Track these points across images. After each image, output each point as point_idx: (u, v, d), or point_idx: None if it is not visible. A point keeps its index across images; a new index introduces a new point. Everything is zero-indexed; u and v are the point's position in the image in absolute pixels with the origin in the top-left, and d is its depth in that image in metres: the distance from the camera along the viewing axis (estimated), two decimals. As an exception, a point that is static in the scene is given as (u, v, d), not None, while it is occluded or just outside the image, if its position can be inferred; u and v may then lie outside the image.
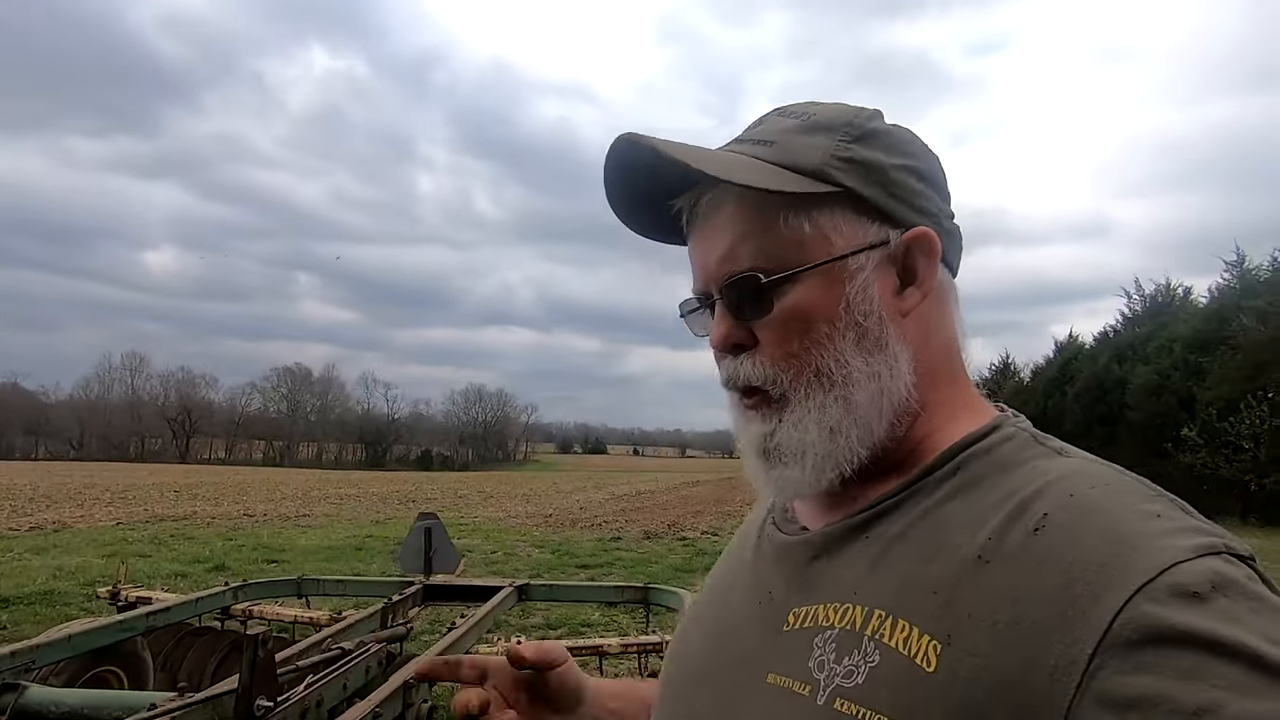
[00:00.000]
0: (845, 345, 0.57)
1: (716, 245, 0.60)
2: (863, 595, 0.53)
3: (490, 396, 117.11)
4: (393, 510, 18.73)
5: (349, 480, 37.02)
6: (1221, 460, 19.89)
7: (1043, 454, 0.55)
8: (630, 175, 0.63)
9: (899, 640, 0.49)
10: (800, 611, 0.57)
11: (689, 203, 0.63)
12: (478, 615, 3.19)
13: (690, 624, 0.71)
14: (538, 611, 6.64)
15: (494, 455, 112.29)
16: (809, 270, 0.58)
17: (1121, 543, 0.44)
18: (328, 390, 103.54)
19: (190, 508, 17.73)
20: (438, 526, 4.05)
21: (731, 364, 0.60)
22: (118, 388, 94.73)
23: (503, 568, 9.50)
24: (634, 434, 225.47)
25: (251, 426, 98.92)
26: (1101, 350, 27.27)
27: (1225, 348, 21.01)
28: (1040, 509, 0.48)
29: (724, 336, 0.60)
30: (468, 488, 30.74)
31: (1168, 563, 0.42)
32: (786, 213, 0.58)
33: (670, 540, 12.90)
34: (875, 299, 0.58)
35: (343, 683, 2.13)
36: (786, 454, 0.58)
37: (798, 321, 0.57)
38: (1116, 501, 0.47)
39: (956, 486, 0.55)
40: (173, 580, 7.97)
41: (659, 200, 0.64)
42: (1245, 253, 23.99)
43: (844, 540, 0.58)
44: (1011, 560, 0.47)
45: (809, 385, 0.57)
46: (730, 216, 0.59)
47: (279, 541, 11.71)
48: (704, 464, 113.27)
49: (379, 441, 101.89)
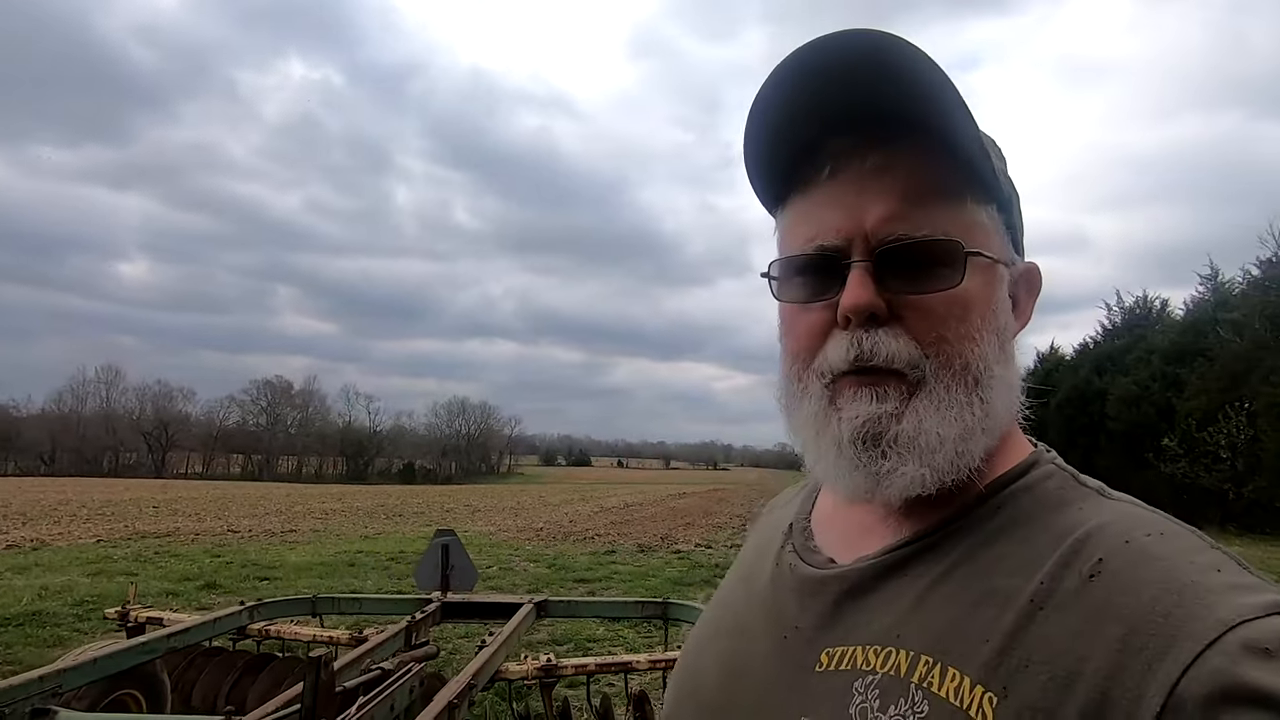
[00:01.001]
0: (990, 348, 0.54)
1: (881, 201, 0.53)
2: (906, 638, 0.50)
3: (474, 409, 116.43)
4: (380, 525, 18.49)
5: (331, 494, 36.47)
6: (1201, 470, 20.26)
7: (1086, 494, 0.53)
8: (805, 81, 0.53)
9: (949, 690, 0.45)
10: (835, 652, 0.53)
11: (850, 142, 0.54)
12: (504, 633, 3.16)
13: (701, 655, 0.65)
14: (542, 627, 6.58)
15: (477, 468, 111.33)
16: (985, 259, 0.54)
17: (1185, 593, 0.42)
18: (308, 403, 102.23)
19: (172, 524, 17.35)
20: (455, 543, 4.01)
21: (867, 336, 0.52)
22: (92, 401, 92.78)
23: (500, 583, 9.41)
24: (618, 446, 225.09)
25: (230, 440, 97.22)
26: (1082, 362, 27.74)
27: (1202, 359, 21.48)
28: (1094, 553, 0.47)
29: (869, 303, 0.52)
30: (454, 501, 30.42)
31: (1235, 619, 0.40)
32: (975, 195, 0.55)
33: (665, 553, 12.85)
34: (1009, 312, 0.58)
35: (390, 704, 2.10)
36: (908, 446, 0.52)
37: (960, 307, 0.53)
38: (1174, 551, 0.45)
39: (1000, 526, 0.52)
40: (165, 599, 7.79)
41: (805, 125, 0.55)
42: (1219, 266, 24.64)
43: (882, 578, 0.54)
44: (1067, 607, 0.45)
45: (955, 377, 0.52)
46: (909, 174, 0.53)
47: (268, 558, 11.49)
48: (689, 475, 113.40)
49: (360, 454, 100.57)
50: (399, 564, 10.90)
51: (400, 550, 12.51)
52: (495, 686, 3.10)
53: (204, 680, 3.52)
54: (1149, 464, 21.34)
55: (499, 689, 3.30)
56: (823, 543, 0.63)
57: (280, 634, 3.63)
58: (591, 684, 3.44)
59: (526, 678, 3.03)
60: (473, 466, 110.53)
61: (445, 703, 2.17)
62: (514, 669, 3.01)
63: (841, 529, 0.62)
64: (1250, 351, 19.98)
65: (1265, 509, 18.83)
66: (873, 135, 0.54)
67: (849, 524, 0.61)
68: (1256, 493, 19.01)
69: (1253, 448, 19.03)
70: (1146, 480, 20.73)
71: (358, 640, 3.45)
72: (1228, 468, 19.81)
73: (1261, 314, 20.33)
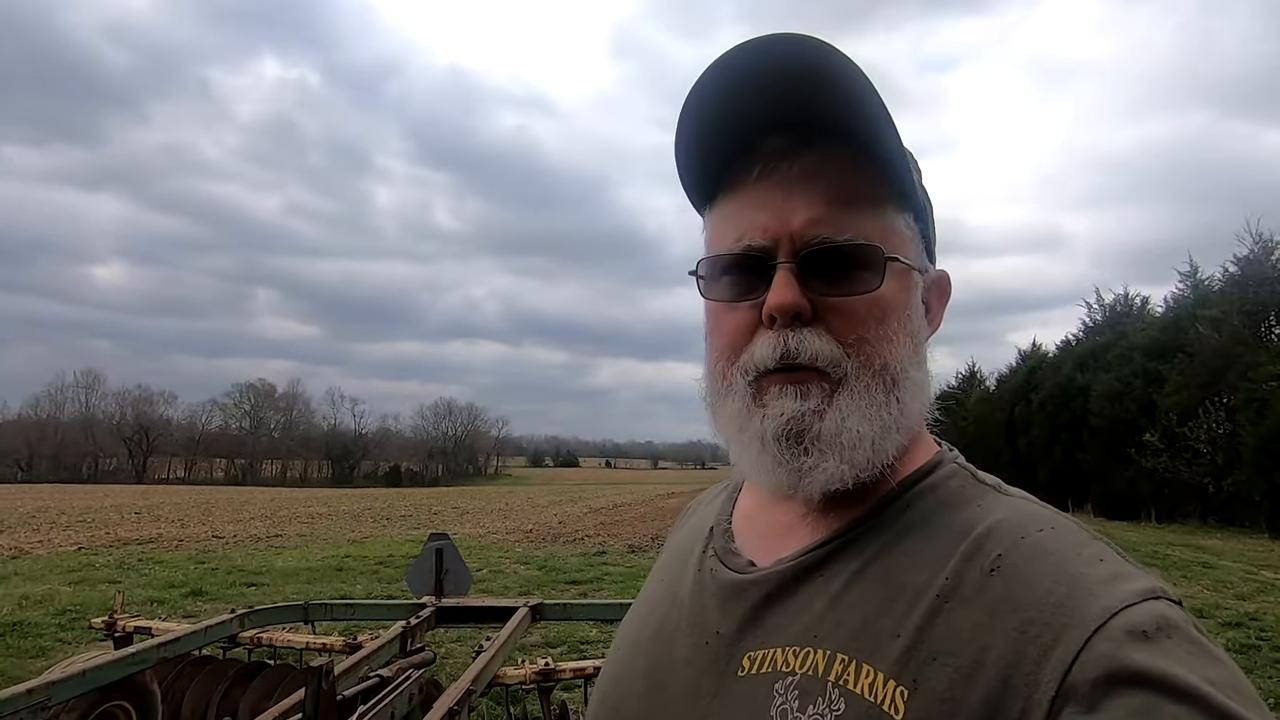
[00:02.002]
0: (905, 351, 0.55)
1: (807, 205, 0.54)
2: (823, 638, 0.51)
3: (460, 411, 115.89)
4: (368, 529, 18.33)
5: (317, 498, 36.12)
6: (1182, 464, 20.59)
7: (985, 492, 0.56)
8: (741, 84, 0.54)
9: (864, 686, 0.47)
10: (756, 655, 0.54)
11: (779, 145, 0.55)
12: (501, 638, 3.12)
13: (623, 665, 0.64)
14: (535, 630, 6.55)
15: (464, 470, 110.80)
16: (903, 265, 0.56)
17: (1073, 584, 0.45)
18: (292, 406, 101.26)
19: (154, 530, 17.10)
20: (449, 547, 3.97)
21: (792, 335, 0.53)
22: (70, 406, 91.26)
23: (490, 586, 9.36)
24: (606, 446, 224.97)
25: (212, 445, 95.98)
26: (1064, 359, 28.08)
27: (1182, 355, 21.84)
28: (993, 549, 0.49)
29: (794, 303, 0.53)
30: (442, 504, 30.24)
31: (1118, 605, 0.43)
32: (896, 203, 0.56)
33: (655, 553, 12.82)
34: (922, 318, 0.59)
35: (390, 711, 2.07)
36: (830, 442, 0.53)
37: (879, 310, 0.54)
38: (1064, 545, 0.49)
39: (909, 523, 0.54)
40: (150, 607, 7.67)
41: (738, 126, 0.56)
42: (1198, 264, 25.05)
43: (800, 579, 0.55)
44: (970, 600, 0.47)
45: (874, 377, 0.54)
46: (835, 179, 0.54)
47: (254, 564, 11.35)
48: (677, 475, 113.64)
49: (346, 458, 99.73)
50: (388, 568, 10.81)
51: (389, 554, 12.41)
52: (492, 692, 3.07)
53: (194, 690, 3.46)
54: (1131, 459, 21.65)
55: (495, 694, 3.27)
56: (743, 544, 0.63)
57: (272, 642, 3.58)
58: (589, 687, 3.43)
59: (525, 682, 3.00)
60: (460, 469, 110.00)
61: (445, 709, 2.14)
62: (512, 674, 2.98)
63: (762, 530, 0.63)
64: (1229, 348, 20.33)
65: (1244, 502, 19.16)
66: (802, 140, 0.55)
67: (769, 525, 0.62)
68: (1235, 486, 19.35)
69: (1231, 442, 19.36)
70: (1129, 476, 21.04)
71: (352, 647, 3.40)
72: (1207, 462, 20.15)
73: (1239, 310, 20.70)
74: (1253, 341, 20.22)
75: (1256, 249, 21.60)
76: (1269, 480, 17.48)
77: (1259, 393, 18.02)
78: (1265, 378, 17.85)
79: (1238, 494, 19.33)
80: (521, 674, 2.99)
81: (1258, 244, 21.58)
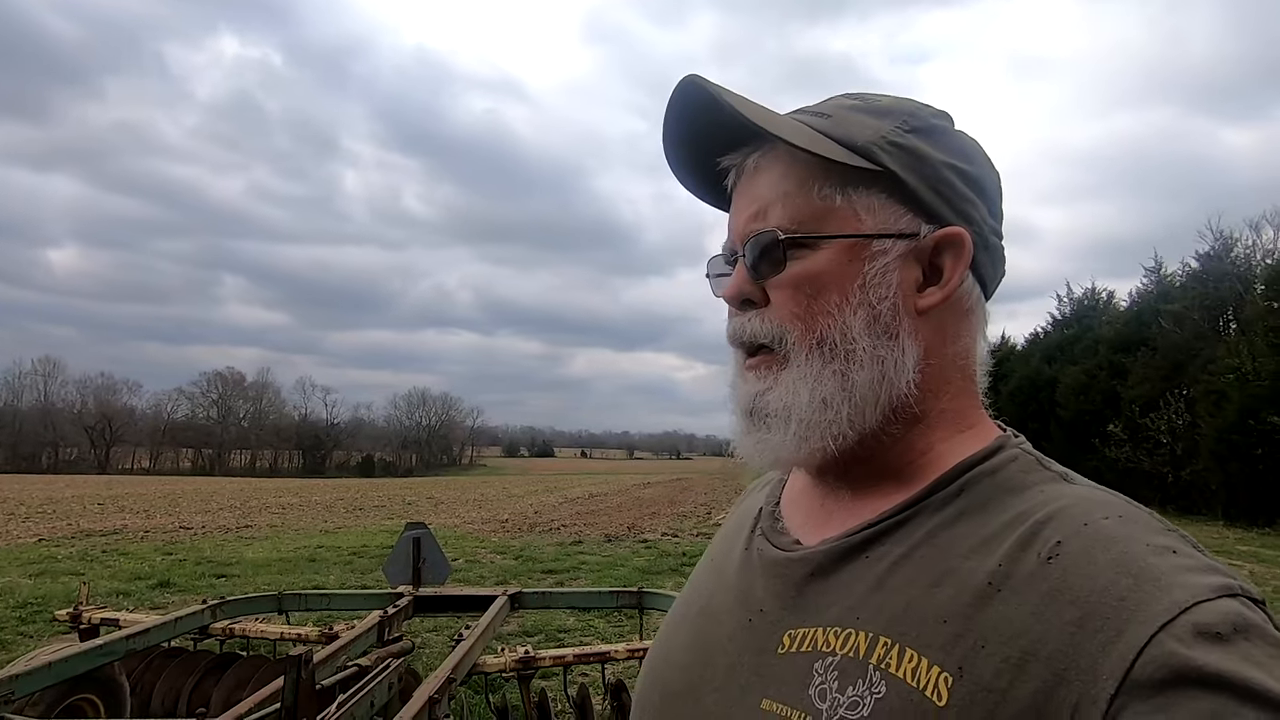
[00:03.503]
0: (854, 322, 0.56)
1: (750, 204, 0.60)
2: (865, 620, 0.51)
3: (435, 400, 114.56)
4: (340, 519, 18.11)
5: (288, 488, 35.56)
6: (1143, 454, 21.17)
7: (1049, 478, 0.54)
8: (688, 122, 0.62)
9: (907, 670, 0.46)
10: (797, 634, 0.54)
11: (738, 160, 0.62)
12: (481, 626, 3.11)
13: (670, 640, 0.66)
14: (512, 619, 6.54)
15: (439, 460, 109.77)
16: (827, 239, 0.57)
17: (1140, 576, 0.43)
18: (262, 395, 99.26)
19: (119, 521, 16.70)
20: (427, 536, 3.94)
21: (740, 320, 0.60)
22: (29, 395, 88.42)
23: (467, 576, 9.32)
24: (582, 437, 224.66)
25: (179, 434, 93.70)
26: (1033, 351, 28.67)
27: (1145, 349, 22.38)
28: (1052, 536, 0.47)
29: (735, 291, 0.60)
30: (415, 494, 29.97)
31: (1188, 601, 0.41)
32: (822, 182, 0.58)
33: (631, 542, 12.88)
34: (893, 286, 0.57)
35: (370, 700, 2.05)
36: (772, 416, 0.57)
37: (809, 285, 0.57)
38: (1130, 533, 0.46)
39: (961, 508, 0.53)
40: (115, 599, 7.49)
41: (711, 154, 0.64)
42: (1163, 259, 25.68)
43: (843, 559, 0.55)
44: (1024, 589, 0.46)
45: (810, 350, 0.56)
46: (772, 178, 0.59)
47: (224, 555, 11.16)
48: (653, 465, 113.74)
49: (318, 448, 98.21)
50: (362, 558, 10.70)
51: (363, 544, 12.28)
52: (472, 680, 3.05)
53: (164, 682, 3.39)
54: (1095, 449, 22.21)
55: (475, 682, 3.26)
56: (790, 525, 0.64)
57: (245, 633, 3.52)
58: (568, 675, 3.43)
59: (504, 670, 2.99)
60: (434, 459, 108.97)
61: (425, 698, 2.13)
62: (491, 662, 2.97)
63: (808, 512, 0.63)
64: (1189, 342, 20.91)
65: (1201, 491, 19.78)
66: (743, 151, 0.61)
67: (815, 507, 0.62)
68: (1193, 476, 19.95)
69: (1190, 433, 19.94)
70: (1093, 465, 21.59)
71: (328, 637, 3.36)
72: (1167, 452, 20.74)
73: (1200, 305, 21.28)
74: (1212, 336, 20.83)
75: (1217, 246, 22.23)
76: (1225, 470, 18.05)
77: (1216, 385, 18.56)
78: (1223, 371, 18.38)
79: (1195, 483, 19.94)
80: (501, 662, 2.98)
81: (1218, 241, 22.21)
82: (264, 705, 1.98)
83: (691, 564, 10.74)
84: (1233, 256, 21.92)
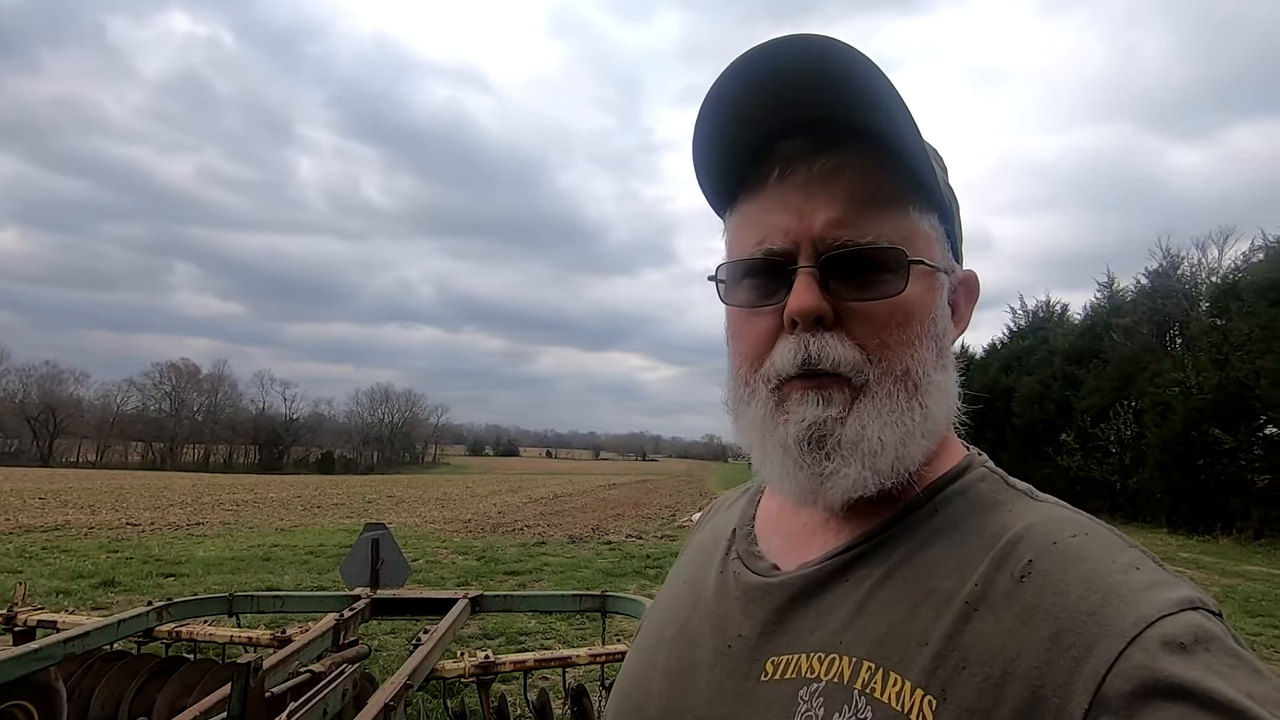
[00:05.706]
0: (928, 355, 0.55)
1: (828, 206, 0.53)
2: (848, 645, 0.50)
3: (398, 396, 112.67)
4: (298, 517, 17.68)
5: (243, 485, 34.59)
6: (1093, 463, 21.91)
7: (1016, 496, 0.55)
8: (772, 92, 0.53)
9: (891, 695, 0.47)
10: (780, 660, 0.53)
11: (799, 147, 0.55)
12: (440, 630, 3.05)
13: (646, 664, 0.64)
14: (471, 621, 6.45)
15: (401, 458, 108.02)
16: (927, 267, 0.55)
17: (1108, 593, 0.44)
18: (217, 388, 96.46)
19: (61, 516, 16.03)
20: (386, 537, 3.85)
21: (814, 341, 0.53)
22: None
23: (427, 576, 9.17)
24: (548, 436, 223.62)
25: (128, 427, 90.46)
26: (991, 361, 29.41)
27: (1097, 361, 23.17)
28: (1024, 554, 0.48)
29: (815, 307, 0.52)
30: (376, 492, 29.43)
31: (1154, 615, 0.42)
32: (919, 203, 0.55)
33: (595, 544, 12.84)
34: (948, 321, 0.59)
35: (322, 708, 1.99)
36: (851, 449, 0.52)
37: (902, 314, 0.53)
38: (1097, 550, 0.48)
39: (937, 528, 0.54)
40: (55, 599, 7.19)
41: (770, 133, 0.56)
42: (1115, 274, 26.61)
43: (824, 584, 0.55)
44: (1000, 607, 0.47)
45: (896, 382, 0.53)
46: (863, 183, 0.54)
47: (173, 553, 10.79)
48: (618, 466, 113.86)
49: (275, 443, 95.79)
50: (319, 558, 10.46)
51: (320, 544, 12.00)
52: (429, 685, 2.99)
53: (104, 687, 3.24)
54: (1049, 457, 22.89)
55: (433, 687, 3.20)
56: (766, 548, 0.63)
57: (193, 635, 3.39)
58: (528, 680, 3.38)
59: (463, 675, 2.94)
60: (396, 456, 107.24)
61: (381, 705, 2.07)
62: (450, 667, 2.91)
63: (785, 534, 0.62)
64: (1138, 354, 21.72)
65: (1147, 498, 20.53)
66: (821, 140, 0.54)
67: (792, 529, 0.61)
68: (1140, 484, 20.71)
69: (1138, 443, 20.70)
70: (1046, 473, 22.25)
71: (280, 641, 3.26)
72: (1116, 461, 21.50)
73: (1149, 320, 22.11)
74: (1159, 349, 21.66)
75: (1165, 263, 23.12)
76: (1169, 479, 18.76)
77: (1162, 397, 19.30)
78: (1168, 384, 19.12)
79: (1141, 491, 20.69)
80: (460, 667, 2.92)
81: (1166, 259, 23.11)
82: (210, 713, 1.90)
83: (656, 567, 10.78)
84: (1179, 274, 22.83)
